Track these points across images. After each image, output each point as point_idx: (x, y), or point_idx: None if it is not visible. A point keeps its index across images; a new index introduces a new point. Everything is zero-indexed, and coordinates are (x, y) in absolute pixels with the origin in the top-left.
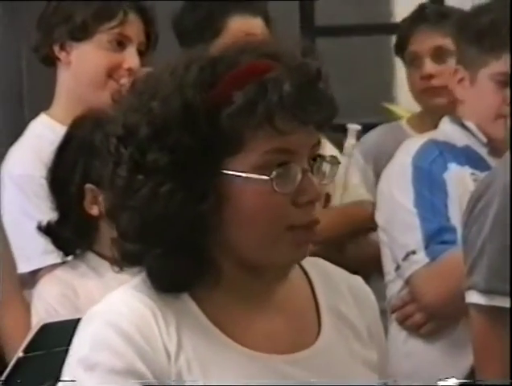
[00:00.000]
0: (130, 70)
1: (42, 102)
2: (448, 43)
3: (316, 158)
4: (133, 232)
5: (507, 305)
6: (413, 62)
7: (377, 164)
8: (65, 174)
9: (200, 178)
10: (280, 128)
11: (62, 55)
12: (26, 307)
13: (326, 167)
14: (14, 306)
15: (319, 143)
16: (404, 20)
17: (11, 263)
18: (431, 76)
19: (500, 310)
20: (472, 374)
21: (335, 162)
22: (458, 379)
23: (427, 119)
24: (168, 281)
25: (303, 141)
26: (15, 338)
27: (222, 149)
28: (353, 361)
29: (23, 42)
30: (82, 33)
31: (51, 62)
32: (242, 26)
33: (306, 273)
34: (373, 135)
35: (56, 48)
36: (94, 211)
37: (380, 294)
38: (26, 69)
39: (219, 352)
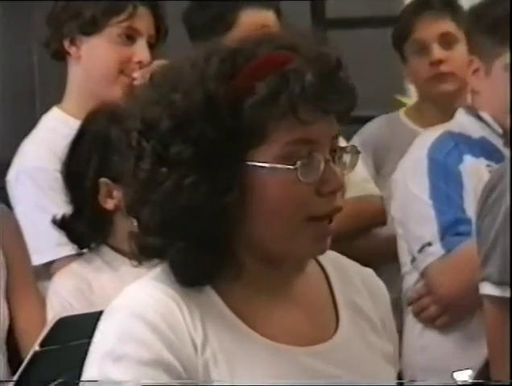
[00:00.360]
0: (140, 63)
1: (54, 98)
2: (453, 28)
3: (337, 149)
4: (155, 226)
5: None
6: (419, 49)
7: (376, 155)
8: (80, 168)
9: (224, 170)
10: (303, 118)
11: (72, 50)
12: (41, 301)
13: (346, 158)
14: (29, 300)
15: (339, 134)
16: (405, 9)
17: (25, 256)
18: (440, 62)
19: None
20: (486, 366)
21: (355, 152)
22: (473, 371)
23: (426, 109)
24: (191, 275)
25: (324, 132)
26: (30, 332)
27: (245, 140)
28: (371, 353)
29: (34, 38)
30: (92, 27)
31: (61, 57)
32: (254, 19)
33: (322, 267)
34: (371, 126)
35: (66, 43)
36: (109, 205)
37: (389, 287)
38: (37, 65)
39: (244, 345)
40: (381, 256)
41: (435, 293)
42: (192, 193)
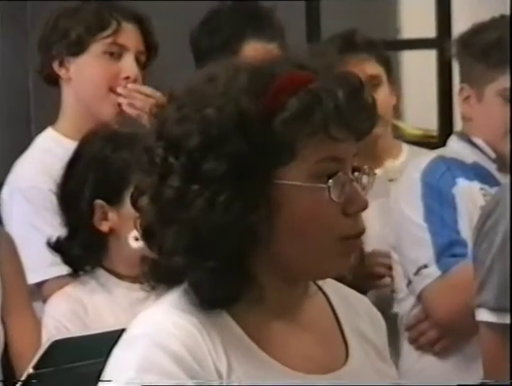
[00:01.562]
0: (127, 79)
1: (49, 120)
2: (379, 70)
3: (356, 170)
4: (183, 245)
5: None
6: None
7: None
8: (75, 190)
9: (254, 188)
10: (334, 135)
11: (62, 72)
12: (37, 322)
13: (365, 179)
14: (25, 322)
15: (356, 155)
16: (328, 50)
17: (22, 277)
18: None
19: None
20: None
21: (372, 173)
22: None
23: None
24: (217, 297)
25: (350, 150)
26: (25, 354)
27: (275, 157)
28: (381, 379)
29: (29, 62)
30: (78, 47)
31: (54, 81)
32: (258, 51)
33: (324, 293)
34: None
35: (56, 65)
36: (104, 227)
37: None
38: (32, 88)
39: (266, 373)
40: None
41: (433, 315)
42: (225, 210)
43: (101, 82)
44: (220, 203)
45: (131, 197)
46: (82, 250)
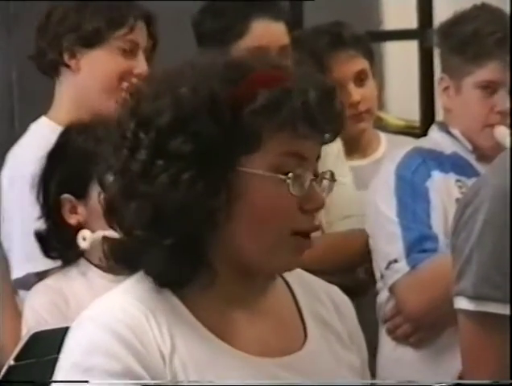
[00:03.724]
0: (139, 75)
1: (33, 115)
2: (366, 65)
3: (317, 173)
4: (143, 221)
5: (496, 310)
6: None
7: None
8: (44, 184)
9: (217, 171)
10: (301, 132)
11: (72, 62)
12: (19, 313)
13: (325, 183)
14: (7, 313)
15: (319, 158)
16: (315, 47)
17: (5, 269)
18: (358, 103)
19: (488, 315)
20: (460, 380)
21: (333, 179)
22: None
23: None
24: (170, 276)
25: (315, 150)
26: (7, 345)
27: (241, 145)
28: (338, 365)
29: (14, 55)
30: (94, 40)
31: (53, 69)
32: (265, 29)
33: (286, 281)
34: None
35: (66, 56)
36: (72, 220)
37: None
38: (16, 82)
39: (213, 355)
40: None
41: (403, 309)
42: (187, 189)
43: (113, 77)
44: (183, 181)
45: (98, 172)
46: (57, 243)
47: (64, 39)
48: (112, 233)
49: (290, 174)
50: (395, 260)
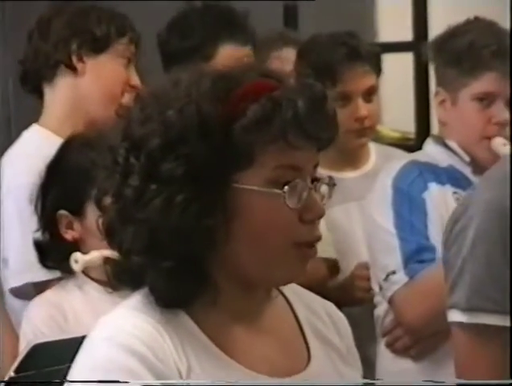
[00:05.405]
0: (134, 87)
1: (29, 123)
2: (376, 81)
3: (316, 179)
4: (141, 245)
5: (489, 322)
6: (343, 101)
7: None
8: (41, 198)
9: (212, 191)
10: (293, 143)
11: (79, 66)
12: (12, 330)
13: (324, 189)
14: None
15: (318, 164)
16: (331, 56)
17: None
18: (365, 118)
19: (482, 327)
20: None
21: (332, 183)
22: None
23: (331, 156)
24: (173, 297)
25: (309, 159)
26: (5, 359)
27: (233, 162)
28: (343, 382)
29: (10, 65)
30: (103, 45)
31: (48, 74)
32: (232, 54)
33: (286, 298)
34: None
35: (74, 58)
36: (68, 236)
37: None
38: (12, 92)
39: (227, 375)
40: None
41: (402, 320)
42: (182, 211)
43: (118, 84)
44: (177, 204)
45: (95, 196)
46: (55, 255)
47: (72, 42)
48: (108, 253)
49: (285, 188)
50: (393, 272)
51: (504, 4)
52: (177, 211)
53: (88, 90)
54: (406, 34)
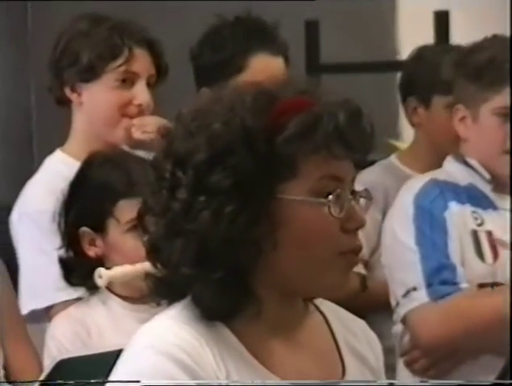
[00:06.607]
0: (140, 106)
1: (51, 142)
2: None
3: (354, 192)
4: (190, 257)
5: None
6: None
7: (376, 204)
8: (64, 216)
9: (258, 202)
10: (335, 153)
11: (74, 97)
12: (33, 349)
13: (362, 202)
14: (21, 350)
15: (355, 178)
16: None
17: (15, 304)
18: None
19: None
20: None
21: (369, 197)
22: None
23: (422, 155)
24: (220, 308)
25: (349, 171)
26: (19, 379)
27: (278, 173)
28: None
29: (32, 82)
30: (89, 74)
31: (64, 103)
32: (264, 65)
33: (322, 314)
34: (368, 175)
35: (68, 90)
36: (91, 252)
37: None
38: (35, 109)
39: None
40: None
41: (418, 338)
42: (231, 222)
43: (114, 109)
44: (226, 215)
45: (138, 214)
46: (79, 272)
47: (64, 74)
48: (135, 269)
49: (330, 197)
50: (414, 288)
51: None
52: (226, 221)
53: (90, 119)
54: None
